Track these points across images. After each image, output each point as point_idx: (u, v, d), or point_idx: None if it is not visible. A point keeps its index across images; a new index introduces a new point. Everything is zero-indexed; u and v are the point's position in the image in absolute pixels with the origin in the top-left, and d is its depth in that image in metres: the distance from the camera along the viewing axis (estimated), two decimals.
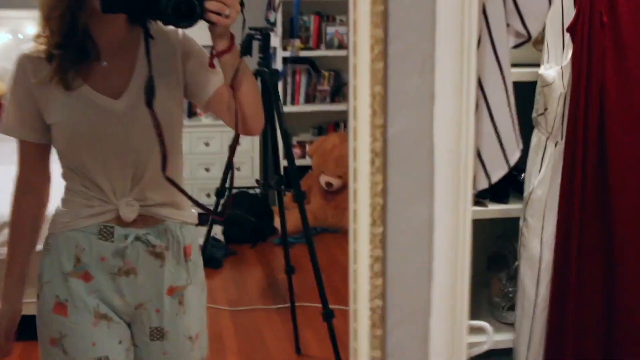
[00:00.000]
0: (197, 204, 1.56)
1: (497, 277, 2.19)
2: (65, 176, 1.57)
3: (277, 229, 4.50)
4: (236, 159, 5.19)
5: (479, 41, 1.01)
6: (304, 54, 4.90)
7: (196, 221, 1.67)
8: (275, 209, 4.05)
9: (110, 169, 1.52)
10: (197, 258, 1.65)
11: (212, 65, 1.48)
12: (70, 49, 1.44)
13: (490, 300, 2.19)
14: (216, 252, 4.22)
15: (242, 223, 4.60)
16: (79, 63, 1.47)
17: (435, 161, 0.89)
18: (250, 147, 4.99)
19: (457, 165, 0.90)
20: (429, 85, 0.87)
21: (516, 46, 1.12)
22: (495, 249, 2.28)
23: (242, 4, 1.38)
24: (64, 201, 1.58)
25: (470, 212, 0.91)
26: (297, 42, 4.87)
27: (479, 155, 1.05)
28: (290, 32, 4.92)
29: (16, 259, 1.59)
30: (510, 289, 2.13)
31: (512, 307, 2.10)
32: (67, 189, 1.58)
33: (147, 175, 1.53)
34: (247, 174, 5.03)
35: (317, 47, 4.97)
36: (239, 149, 5.41)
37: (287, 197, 3.92)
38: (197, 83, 1.56)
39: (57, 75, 1.45)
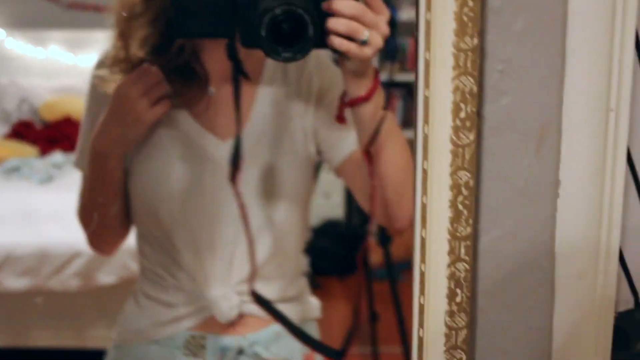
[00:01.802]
0: (308, 342, 0.97)
1: None
2: (140, 251, 1.12)
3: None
4: (326, 187, 4.97)
5: None
6: (399, 78, 4.60)
7: (319, 314, 1.18)
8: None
9: (203, 244, 1.04)
10: None
11: (341, 120, 0.92)
12: (172, 68, 0.99)
13: None
14: None
15: (329, 255, 4.43)
16: (181, 88, 1.01)
17: (556, 294, 0.56)
18: None
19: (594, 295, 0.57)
20: (550, 168, 0.55)
21: None
22: (614, 322, 1.87)
23: (392, 24, 0.84)
24: (136, 296, 1.13)
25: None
26: (394, 66, 4.60)
27: (621, 259, 0.71)
28: (384, 54, 4.65)
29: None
30: None
31: None
32: (141, 275, 1.13)
33: (257, 256, 1.05)
34: (337, 202, 4.79)
35: (414, 70, 4.72)
36: (328, 176, 5.25)
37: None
38: (327, 138, 1.05)
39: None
